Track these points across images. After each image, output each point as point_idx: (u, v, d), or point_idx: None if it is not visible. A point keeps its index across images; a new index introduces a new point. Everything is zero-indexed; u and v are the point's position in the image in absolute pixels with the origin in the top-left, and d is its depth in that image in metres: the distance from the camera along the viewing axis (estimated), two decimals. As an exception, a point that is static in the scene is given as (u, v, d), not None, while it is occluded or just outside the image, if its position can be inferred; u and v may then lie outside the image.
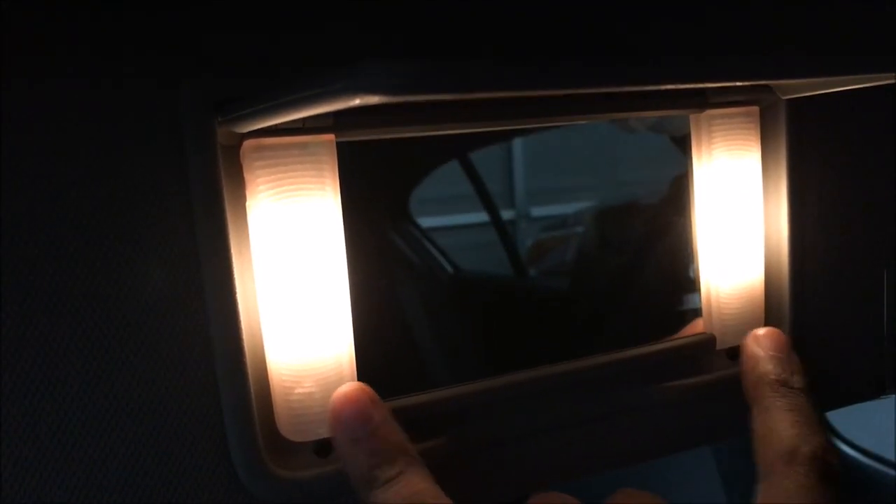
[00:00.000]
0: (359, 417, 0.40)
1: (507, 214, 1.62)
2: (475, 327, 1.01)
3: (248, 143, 0.39)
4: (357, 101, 0.30)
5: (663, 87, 0.37)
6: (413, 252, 1.13)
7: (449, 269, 1.20)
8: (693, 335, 0.51)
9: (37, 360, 0.36)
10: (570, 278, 1.24)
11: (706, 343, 0.51)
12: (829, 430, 0.92)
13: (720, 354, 0.51)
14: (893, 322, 0.56)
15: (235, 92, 0.38)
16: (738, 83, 0.45)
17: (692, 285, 0.54)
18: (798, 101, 0.50)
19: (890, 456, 0.87)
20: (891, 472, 0.86)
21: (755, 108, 0.50)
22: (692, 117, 0.49)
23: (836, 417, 0.93)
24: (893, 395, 0.58)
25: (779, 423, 0.44)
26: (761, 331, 0.49)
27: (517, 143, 1.59)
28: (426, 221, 1.24)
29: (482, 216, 1.27)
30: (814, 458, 0.42)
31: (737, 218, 0.50)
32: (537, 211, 1.54)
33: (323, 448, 0.41)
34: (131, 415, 0.37)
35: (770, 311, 0.53)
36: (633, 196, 1.14)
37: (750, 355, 0.48)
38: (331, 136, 0.40)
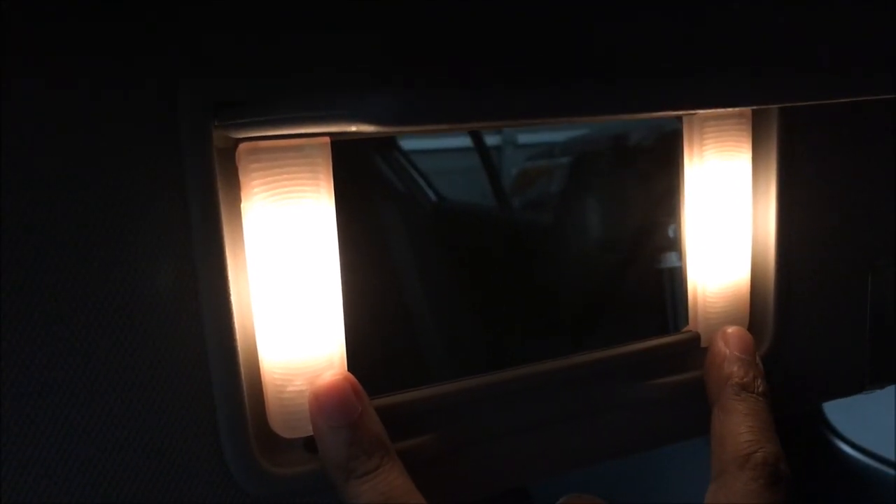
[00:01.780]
0: (340, 406, 0.40)
1: (493, 140, 1.59)
2: (457, 260, 1.01)
3: (243, 146, 0.39)
4: (353, 129, 0.30)
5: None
6: (397, 178, 1.12)
7: (432, 197, 1.20)
8: (678, 333, 0.52)
9: (33, 359, 0.36)
10: (554, 212, 1.24)
11: (691, 341, 0.52)
12: (829, 430, 0.93)
13: (704, 352, 0.52)
14: (875, 322, 0.57)
15: (234, 93, 0.38)
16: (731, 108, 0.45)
17: (674, 243, 0.55)
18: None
19: (890, 456, 0.88)
20: (891, 472, 0.87)
21: (748, 111, 0.50)
22: (685, 118, 0.49)
23: (836, 417, 0.94)
24: (873, 391, 0.59)
25: (736, 427, 0.46)
26: (730, 329, 0.50)
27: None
28: (409, 144, 1.22)
29: (467, 140, 1.25)
30: (765, 465, 0.44)
31: (726, 218, 0.51)
32: (524, 138, 1.51)
33: (313, 444, 0.42)
34: (125, 413, 0.38)
35: (755, 310, 0.54)
36: (622, 131, 1.12)
37: (717, 353, 0.49)
38: (325, 139, 0.40)
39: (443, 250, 1.06)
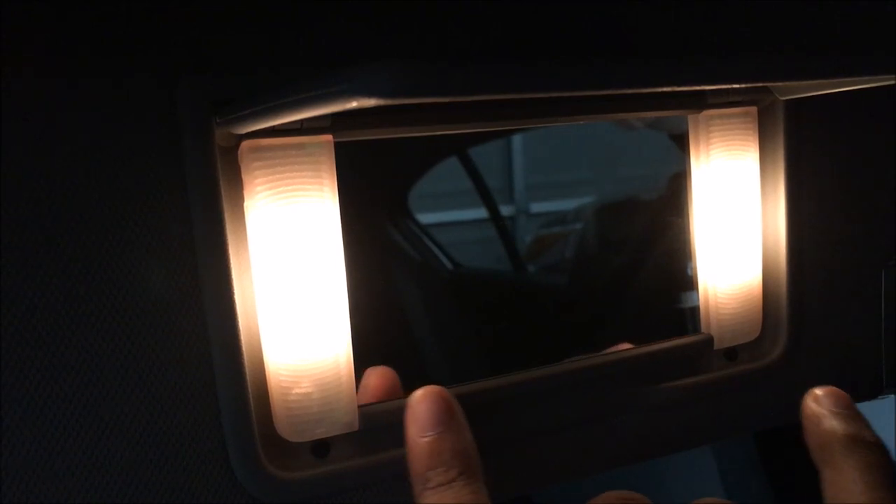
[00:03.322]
0: (430, 416, 0.39)
1: (506, 210, 1.61)
2: (474, 324, 1.00)
3: (245, 144, 0.39)
4: (354, 104, 0.29)
5: (663, 90, 0.37)
6: (412, 248, 1.13)
7: (448, 265, 1.20)
8: (691, 335, 0.51)
9: (35, 360, 0.36)
10: (570, 275, 1.24)
11: (704, 343, 0.51)
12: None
13: (718, 354, 0.51)
14: (890, 322, 0.56)
15: (234, 92, 0.38)
16: (737, 85, 0.45)
17: (690, 283, 0.54)
18: (796, 101, 0.50)
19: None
20: (891, 472, 0.85)
21: (753, 109, 0.50)
22: (690, 117, 0.49)
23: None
24: (891, 396, 0.58)
25: (852, 485, 0.40)
26: (819, 391, 0.44)
27: (517, 139, 1.59)
28: (425, 217, 1.24)
29: (481, 212, 1.27)
30: None
31: (735, 218, 0.50)
32: (537, 207, 1.53)
33: (320, 448, 0.41)
34: (130, 415, 0.38)
35: (768, 311, 0.53)
36: (632, 192, 1.13)
37: (811, 414, 0.43)
38: (328, 137, 0.40)
39: (460, 315, 1.06)
